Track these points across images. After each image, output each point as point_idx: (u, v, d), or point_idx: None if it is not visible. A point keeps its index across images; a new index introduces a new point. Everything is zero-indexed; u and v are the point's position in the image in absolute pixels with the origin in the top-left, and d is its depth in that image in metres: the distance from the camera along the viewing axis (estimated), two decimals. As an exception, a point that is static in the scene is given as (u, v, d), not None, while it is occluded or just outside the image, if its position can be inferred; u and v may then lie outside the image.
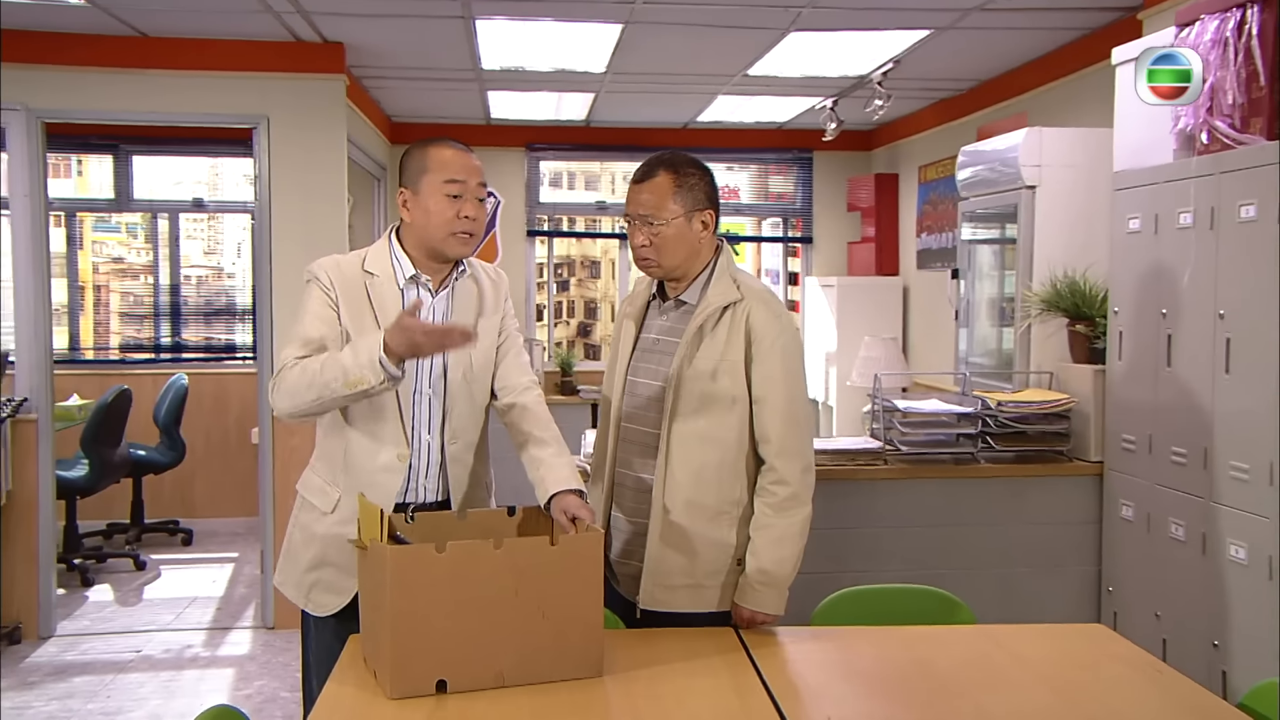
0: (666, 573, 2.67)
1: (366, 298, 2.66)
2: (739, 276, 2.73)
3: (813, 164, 8.55)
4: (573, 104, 7.36)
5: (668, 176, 2.69)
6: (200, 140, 7.95)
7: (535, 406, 2.73)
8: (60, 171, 11.95)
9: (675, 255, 2.70)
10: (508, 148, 8.26)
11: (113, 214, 9.08)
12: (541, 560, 2.27)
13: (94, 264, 11.24)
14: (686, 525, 2.65)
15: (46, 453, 5.43)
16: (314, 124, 5.58)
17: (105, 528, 7.32)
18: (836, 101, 6.88)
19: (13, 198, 5.32)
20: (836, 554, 3.97)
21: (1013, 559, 4.13)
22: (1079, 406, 4.18)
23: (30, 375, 5.37)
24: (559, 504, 2.51)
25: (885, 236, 7.95)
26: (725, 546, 2.66)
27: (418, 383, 2.68)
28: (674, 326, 2.75)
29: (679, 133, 8.29)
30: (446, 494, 2.73)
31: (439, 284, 2.73)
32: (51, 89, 5.36)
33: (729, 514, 2.66)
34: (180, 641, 5.36)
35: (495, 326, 2.79)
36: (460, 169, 2.63)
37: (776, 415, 2.62)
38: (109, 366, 8.30)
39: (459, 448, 2.72)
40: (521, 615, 2.25)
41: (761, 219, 8.94)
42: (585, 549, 2.33)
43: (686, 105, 7.37)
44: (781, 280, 8.93)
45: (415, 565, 2.21)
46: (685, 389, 2.65)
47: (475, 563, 2.23)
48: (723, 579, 2.66)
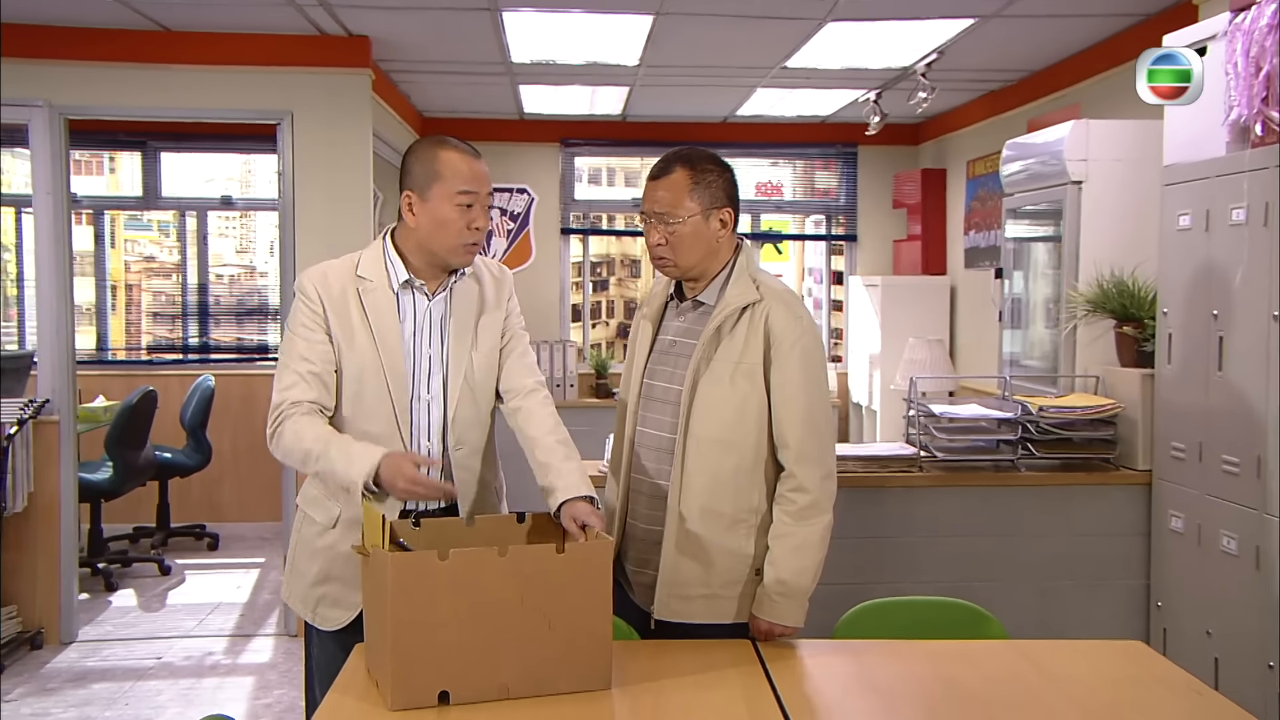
0: (682, 582, 2.66)
1: (359, 306, 2.67)
2: (759, 276, 2.71)
3: (857, 159, 8.51)
4: (607, 98, 7.37)
5: (684, 173, 2.68)
6: (231, 136, 8.05)
7: (542, 409, 2.73)
8: (92, 169, 12.17)
9: (691, 254, 2.69)
10: (541, 143, 8.29)
11: (141, 212, 9.20)
12: (548, 568, 2.27)
13: (126, 263, 11.44)
14: (702, 533, 2.64)
15: (68, 455, 5.52)
16: (339, 119, 5.64)
17: (131, 531, 7.45)
18: (880, 94, 6.84)
19: (35, 195, 5.42)
20: (869, 565, 3.94)
21: (1056, 572, 4.08)
22: (1126, 412, 4.12)
23: (52, 376, 5.47)
24: (568, 511, 2.50)
25: (932, 234, 7.89)
26: (743, 556, 2.64)
27: (415, 389, 2.69)
28: (691, 328, 2.74)
29: (718, 127, 8.28)
30: (453, 501, 2.74)
31: (435, 288, 2.74)
32: (74, 84, 5.45)
33: (746, 522, 2.64)
34: (201, 648, 5.42)
35: (498, 325, 2.79)
36: (473, 178, 2.63)
37: (795, 420, 2.61)
38: (137, 367, 8.42)
39: (464, 454, 2.72)
40: (527, 625, 2.25)
41: (804, 216, 8.91)
42: (594, 557, 2.32)
43: (725, 99, 7.35)
44: (824, 279, 8.88)
45: (417, 573, 2.21)
46: (702, 392, 2.64)
47: (479, 570, 2.23)
48: (740, 589, 2.65)
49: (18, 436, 5.19)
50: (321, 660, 2.74)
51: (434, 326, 2.73)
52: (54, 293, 5.44)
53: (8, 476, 5.17)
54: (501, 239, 8.32)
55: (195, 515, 7.85)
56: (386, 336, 2.66)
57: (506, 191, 8.30)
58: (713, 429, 2.63)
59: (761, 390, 2.62)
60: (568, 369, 7.93)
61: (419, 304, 2.72)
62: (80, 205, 8.50)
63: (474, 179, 2.63)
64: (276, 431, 2.64)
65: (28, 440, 5.34)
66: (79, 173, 12.12)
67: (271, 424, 2.65)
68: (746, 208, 8.58)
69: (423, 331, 2.72)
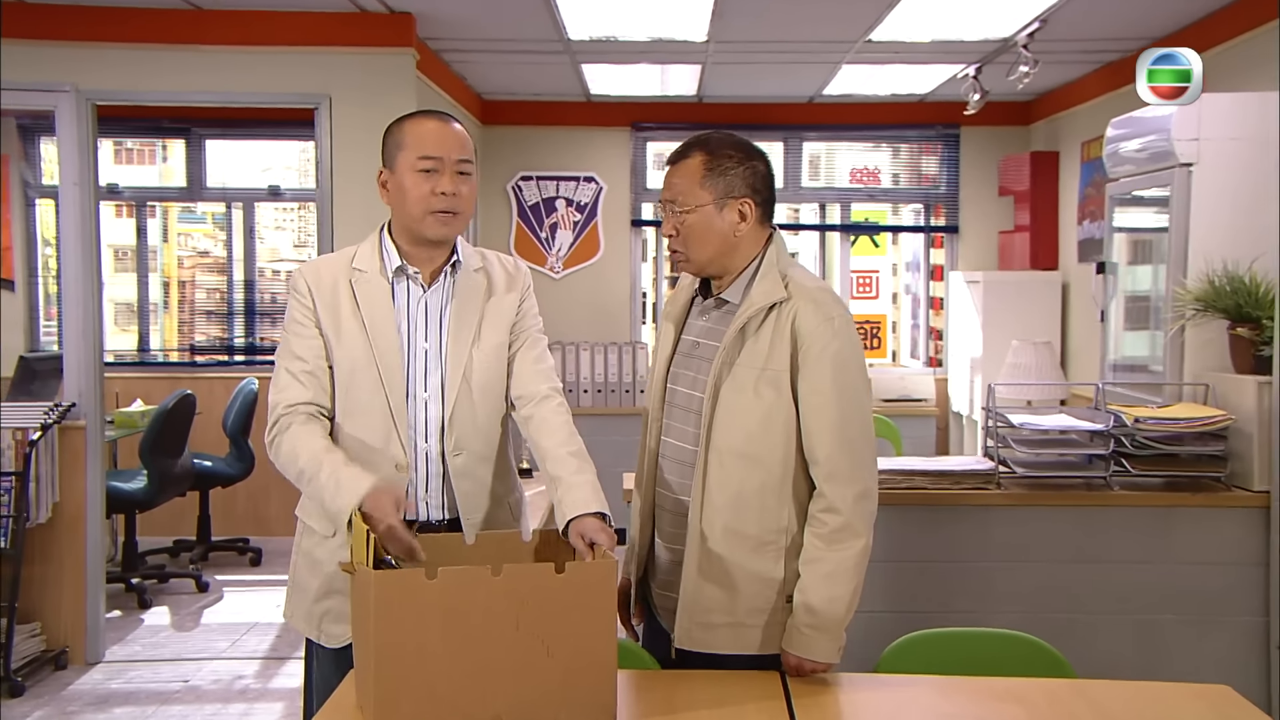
0: (705, 609, 2.64)
1: (351, 296, 2.72)
2: (790, 272, 2.67)
3: (959, 142, 8.38)
4: (679, 77, 7.37)
5: (700, 158, 2.66)
6: (281, 122, 8.13)
7: (555, 418, 2.74)
8: (144, 158, 12.51)
9: (703, 248, 2.68)
10: (611, 127, 8.32)
11: (194, 204, 9.43)
12: (546, 589, 2.26)
13: (179, 258, 11.74)
14: (726, 555, 2.61)
15: (96, 462, 5.66)
16: (381, 102, 5.70)
17: (172, 545, 7.63)
18: (979, 69, 6.72)
19: (62, 185, 5.57)
20: (936, 592, 3.88)
21: (1154, 605, 3.95)
22: (1239, 424, 3.98)
23: (79, 377, 5.61)
24: (577, 528, 2.51)
25: (1042, 224, 7.74)
26: (770, 581, 2.61)
27: (412, 385, 2.72)
28: (714, 328, 2.72)
29: (805, 108, 8.23)
30: (455, 512, 2.76)
31: (431, 276, 2.77)
32: (101, 68, 5.61)
33: (774, 544, 2.61)
34: (232, 671, 5.53)
35: (505, 321, 2.81)
36: (435, 142, 2.68)
37: (825, 434, 2.56)
38: (180, 369, 8.63)
39: (465, 460, 2.74)
40: (523, 651, 2.25)
41: (902, 205, 8.80)
42: (597, 578, 2.31)
43: (808, 77, 7.30)
44: (921, 275, 8.77)
45: (402, 592, 2.22)
46: (724, 400, 2.61)
47: (470, 591, 2.23)
48: (767, 617, 2.61)
49: (41, 442, 5.35)
50: (320, 681, 2.78)
51: (430, 318, 2.76)
52: (80, 289, 5.59)
53: (31, 485, 5.33)
54: (567, 231, 8.36)
55: (239, 528, 8.01)
56: (379, 326, 2.71)
57: (572, 180, 8.34)
58: (735, 441, 2.60)
59: (788, 399, 2.59)
60: (638, 373, 7.93)
61: (413, 293, 2.76)
62: (121, 196, 8.73)
63: (436, 142, 2.68)
64: (275, 442, 2.70)
65: (53, 446, 5.50)
66: (129, 162, 12.50)
67: (270, 432, 2.71)
68: (837, 196, 8.51)
69: (417, 322, 2.75)
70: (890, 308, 9.41)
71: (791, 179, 8.40)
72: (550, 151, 8.27)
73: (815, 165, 8.57)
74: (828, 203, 8.57)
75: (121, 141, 11.42)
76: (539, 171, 8.32)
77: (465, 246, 2.84)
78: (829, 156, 8.56)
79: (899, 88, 7.67)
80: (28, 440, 5.31)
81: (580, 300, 8.33)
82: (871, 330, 8.86)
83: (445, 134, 2.70)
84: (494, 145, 8.29)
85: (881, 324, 8.97)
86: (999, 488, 3.98)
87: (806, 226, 8.87)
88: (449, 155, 2.68)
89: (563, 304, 8.18)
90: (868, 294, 8.83)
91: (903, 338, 9.37)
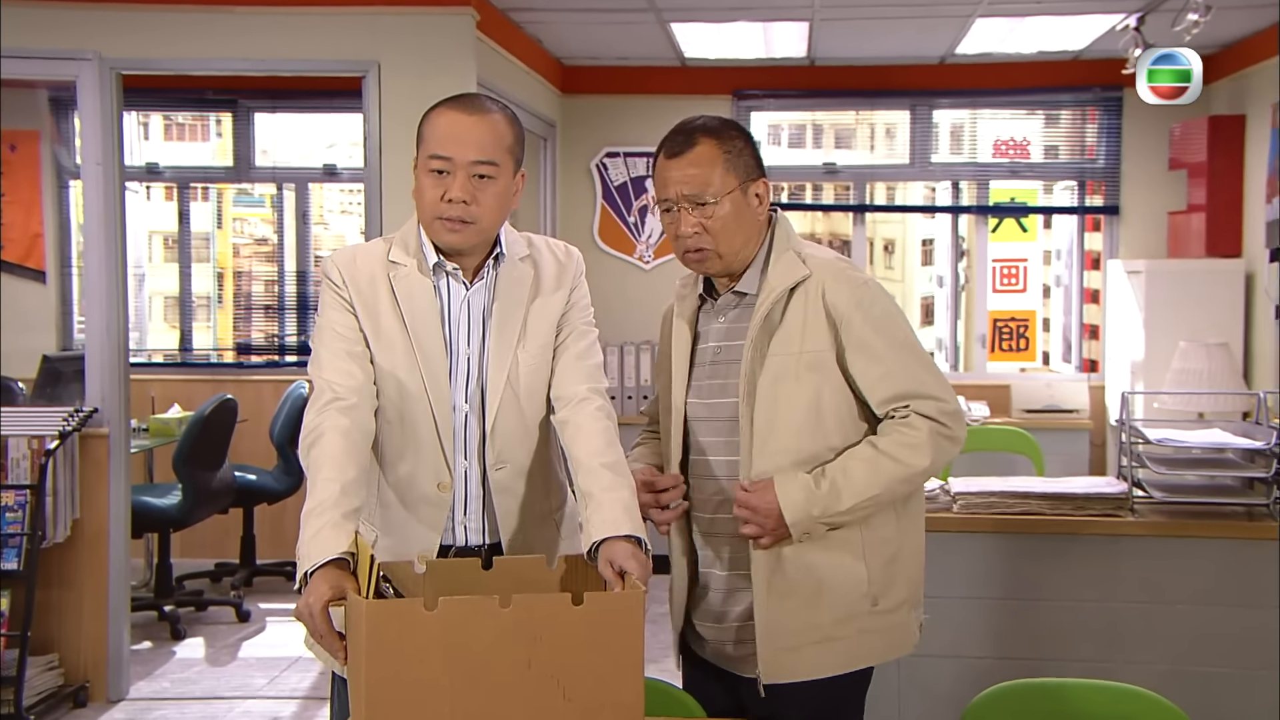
0: (786, 630, 2.71)
1: (390, 294, 2.76)
2: (803, 249, 2.79)
3: (1122, 107, 8.20)
4: (785, 37, 7.35)
5: (711, 144, 2.75)
6: (339, 92, 8.21)
7: (591, 423, 2.75)
8: (195, 134, 12.80)
9: (735, 239, 2.76)
10: (709, 95, 8.31)
11: (236, 184, 9.63)
12: (563, 623, 2.27)
13: (234, 245, 11.98)
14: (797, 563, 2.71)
15: (121, 474, 5.82)
16: (436, 69, 5.79)
17: (213, 568, 7.83)
18: (1142, 18, 6.57)
19: (84, 165, 5.75)
20: (1054, 636, 3.84)
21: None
22: None
23: (101, 380, 5.77)
24: (606, 553, 2.52)
25: (1222, 203, 7.55)
26: (855, 580, 2.72)
27: (455, 396, 2.77)
28: (734, 327, 2.81)
29: (935, 70, 8.15)
30: (495, 534, 2.81)
31: (473, 272, 2.80)
32: (127, 33, 5.77)
33: (849, 540, 2.71)
34: (268, 712, 5.65)
35: (553, 316, 2.84)
36: (446, 139, 2.69)
37: (896, 372, 2.71)
38: (225, 371, 8.83)
39: (506, 475, 2.79)
40: (535, 694, 2.26)
41: (1050, 182, 8.66)
42: (622, 611, 2.32)
43: (937, 32, 7.23)
44: (1073, 264, 8.62)
45: (397, 625, 2.25)
46: (764, 395, 2.70)
47: (476, 624, 2.25)
48: (858, 624, 2.72)
49: (59, 452, 5.51)
50: (342, 715, 2.83)
51: (473, 321, 2.79)
52: (104, 280, 5.75)
53: (48, 500, 5.49)
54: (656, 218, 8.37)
55: (287, 550, 8.16)
56: (423, 330, 2.75)
57: (663, 157, 8.34)
58: (786, 438, 2.70)
59: (836, 379, 2.71)
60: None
61: (454, 292, 2.80)
62: (161, 177, 8.94)
63: (448, 140, 2.68)
64: (310, 443, 2.66)
65: (73, 457, 5.67)
66: (179, 138, 12.81)
67: (313, 417, 2.68)
68: (974, 172, 8.41)
69: (459, 326, 2.79)
70: (1039, 302, 9.24)
71: (920, 153, 8.32)
72: (640, 124, 8.28)
73: (949, 137, 8.48)
74: (962, 180, 8.48)
75: (171, 116, 11.74)
76: (627, 147, 8.34)
77: (510, 233, 2.87)
78: (964, 127, 8.45)
79: (1047, 43, 7.53)
80: (44, 450, 5.47)
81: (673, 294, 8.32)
82: (1017, 329, 8.70)
83: (461, 128, 2.70)
84: (575, 118, 8.36)
85: (1029, 321, 8.79)
86: (1133, 514, 3.93)
87: (939, 209, 8.78)
88: (461, 156, 2.68)
89: (654, 299, 8.14)
90: (1012, 286, 8.67)
91: (1053, 338, 9.21)
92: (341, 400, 2.68)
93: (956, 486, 4.04)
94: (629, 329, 7.94)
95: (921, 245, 14.87)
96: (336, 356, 2.73)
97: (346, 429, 2.65)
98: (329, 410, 2.67)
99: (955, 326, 9.03)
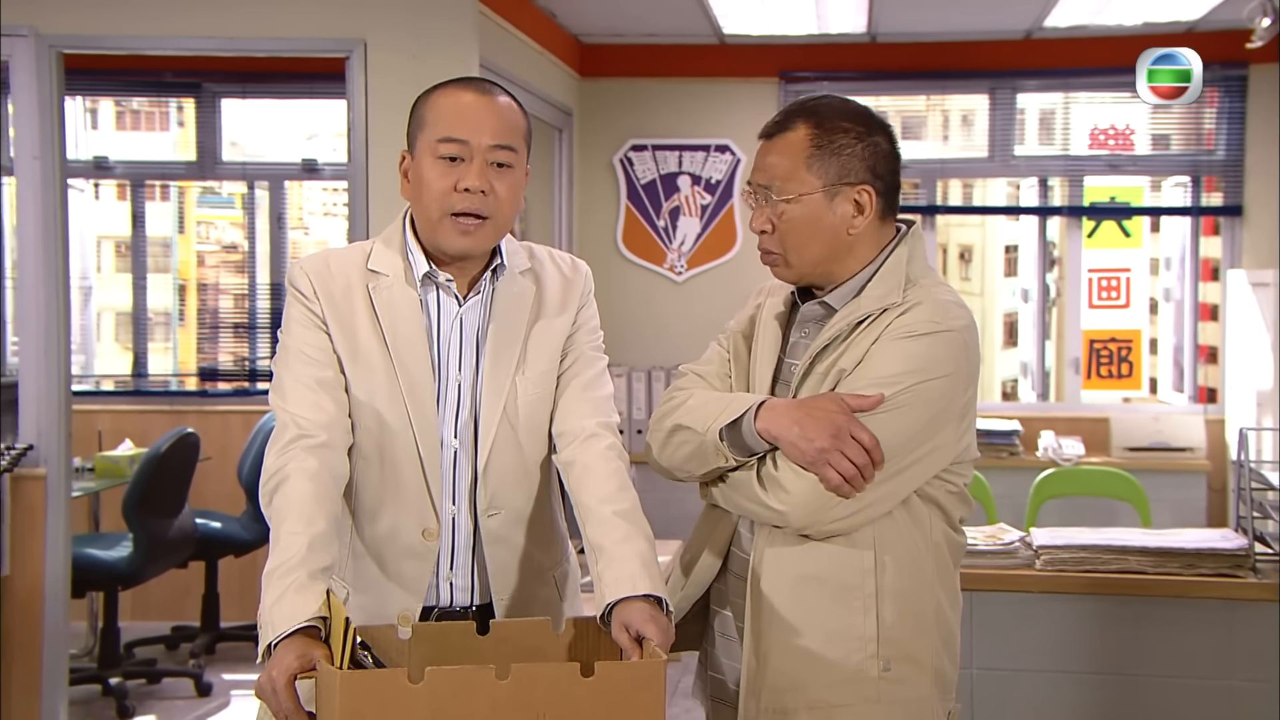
0: (775, 688, 2.67)
1: (369, 308, 2.76)
2: (922, 279, 2.72)
3: (1246, 87, 8.17)
4: (841, 10, 7.39)
5: (805, 131, 2.70)
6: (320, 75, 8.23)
7: (602, 464, 2.75)
8: (155, 123, 12.85)
9: (806, 250, 2.72)
10: (752, 79, 8.35)
11: (198, 181, 9.65)
12: (570, 698, 2.29)
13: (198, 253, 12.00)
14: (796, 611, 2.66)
15: (60, 522, 5.80)
16: (431, 49, 5.81)
17: (169, 632, 7.82)
18: (1271, -17, 6.59)
19: (18, 160, 5.74)
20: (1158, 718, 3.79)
21: None
22: None
23: (38, 412, 5.77)
24: (620, 616, 2.53)
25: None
26: (859, 639, 2.64)
27: (443, 429, 2.77)
28: (803, 342, 2.78)
29: (1019, 46, 8.17)
30: (486, 594, 2.81)
31: (468, 285, 2.80)
32: (69, 6, 5.79)
33: (860, 588, 2.64)
34: (227, 807, 5.65)
35: (558, 339, 2.85)
36: (460, 121, 2.69)
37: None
38: (186, 400, 8.84)
39: (500, 522, 2.79)
40: (539, 783, 2.27)
41: (1158, 178, 8.64)
42: (640, 682, 2.33)
43: (1020, 4, 7.23)
44: (1186, 275, 8.59)
45: (377, 700, 2.25)
46: None
47: (467, 699, 2.26)
48: (863, 691, 2.64)
49: (-12, 496, 5.53)
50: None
51: (465, 342, 2.80)
52: (41, 296, 5.74)
53: (-30, 552, 5.50)
54: (693, 218, 8.40)
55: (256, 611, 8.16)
56: (407, 351, 2.75)
57: (700, 150, 8.39)
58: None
59: None
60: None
61: (445, 308, 2.80)
62: (112, 173, 8.97)
63: (464, 122, 2.69)
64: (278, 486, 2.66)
65: (2, 501, 5.66)
66: (133, 127, 12.86)
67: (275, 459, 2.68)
68: (1065, 167, 8.39)
69: (450, 348, 2.80)
70: (1145, 320, 9.21)
71: (1000, 144, 8.33)
72: (671, 112, 8.33)
73: (1037, 125, 8.47)
74: (1052, 176, 8.48)
75: (124, 102, 11.81)
76: (656, 139, 8.38)
77: (510, 242, 2.87)
78: (1054, 113, 8.44)
79: (1154, 14, 7.53)
80: (-30, 493, 5.49)
81: (710, 310, 8.24)
82: (1118, 352, 8.66)
83: (478, 109, 2.71)
84: (596, 105, 8.40)
85: (1133, 343, 8.76)
86: (1255, 574, 3.90)
87: (1024, 210, 8.77)
88: (479, 139, 2.69)
89: (687, 315, 8.20)
90: (1113, 301, 8.65)
91: (1162, 362, 9.17)
92: (309, 438, 2.67)
93: (1040, 539, 4.02)
94: (657, 352, 7.96)
95: (1004, 253, 14.83)
96: (303, 385, 2.72)
97: (314, 472, 2.64)
98: (294, 450, 2.66)
99: (1043, 349, 9.01)
